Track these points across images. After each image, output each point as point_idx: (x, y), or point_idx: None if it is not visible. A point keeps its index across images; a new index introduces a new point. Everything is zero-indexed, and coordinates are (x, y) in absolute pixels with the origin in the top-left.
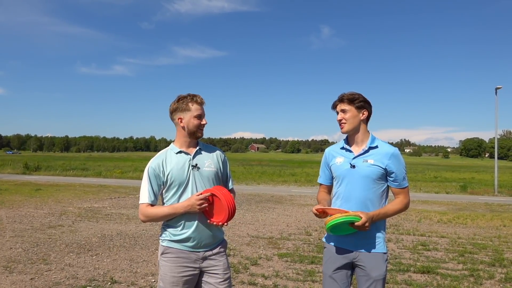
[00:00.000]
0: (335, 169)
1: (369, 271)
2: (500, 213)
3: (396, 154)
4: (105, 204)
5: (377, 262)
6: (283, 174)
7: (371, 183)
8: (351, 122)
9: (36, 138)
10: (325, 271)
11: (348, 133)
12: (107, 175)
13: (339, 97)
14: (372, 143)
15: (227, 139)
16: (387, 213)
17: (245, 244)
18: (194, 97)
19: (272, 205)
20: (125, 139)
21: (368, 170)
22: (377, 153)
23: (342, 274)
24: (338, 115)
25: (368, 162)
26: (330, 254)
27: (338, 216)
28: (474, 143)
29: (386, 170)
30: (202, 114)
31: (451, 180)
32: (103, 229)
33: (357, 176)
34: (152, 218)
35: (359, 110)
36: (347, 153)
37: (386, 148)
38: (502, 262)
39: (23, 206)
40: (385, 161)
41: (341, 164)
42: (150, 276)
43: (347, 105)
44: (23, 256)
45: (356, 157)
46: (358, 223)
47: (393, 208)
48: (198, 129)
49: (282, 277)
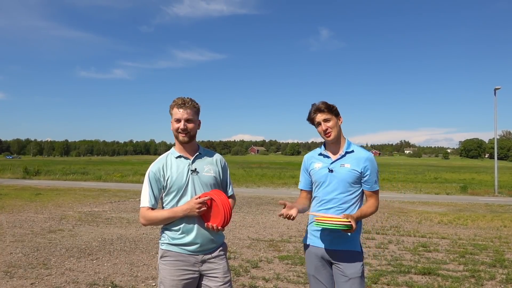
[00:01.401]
0: (314, 174)
1: (344, 269)
2: (501, 214)
3: (370, 158)
4: (105, 208)
5: (352, 260)
6: (283, 176)
7: (348, 186)
8: (335, 129)
9: (36, 142)
10: (309, 271)
11: (335, 140)
12: (107, 179)
13: (317, 107)
14: (348, 148)
15: (227, 141)
16: (365, 215)
17: (246, 247)
18: (176, 100)
19: (272, 208)
20: (125, 143)
21: (345, 174)
22: (353, 157)
23: (325, 274)
24: (319, 126)
25: (345, 167)
26: (309, 254)
27: (332, 221)
28: (473, 143)
29: (361, 173)
30: (181, 118)
31: (451, 181)
32: (104, 233)
33: (335, 180)
34: (152, 221)
35: (337, 117)
36: (325, 159)
37: (362, 152)
38: (503, 263)
39: (23, 210)
40: (360, 165)
41: (320, 169)
42: (151, 280)
43: (328, 114)
44: (23, 261)
45: (333, 162)
46: (351, 230)
47: (369, 211)
48: (177, 132)
49: (283, 280)
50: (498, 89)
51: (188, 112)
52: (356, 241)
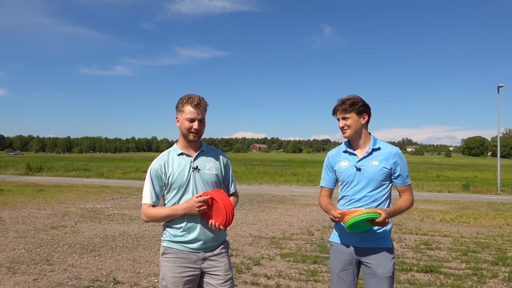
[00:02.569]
0: (341, 173)
1: (375, 269)
2: (503, 212)
3: (399, 153)
4: (108, 204)
5: (383, 259)
6: (285, 174)
7: (378, 184)
8: (353, 128)
9: (39, 139)
10: (333, 268)
11: (351, 138)
12: (109, 175)
13: (339, 103)
14: (375, 145)
15: (228, 139)
16: (400, 210)
17: (248, 244)
18: (190, 99)
19: (274, 205)
20: (127, 140)
21: (374, 172)
22: (381, 154)
23: (349, 273)
24: (339, 122)
25: (374, 164)
26: (336, 252)
27: (358, 213)
28: (476, 141)
29: (391, 170)
30: (196, 118)
31: (454, 179)
32: (106, 230)
33: (364, 179)
34: (153, 218)
35: (359, 115)
36: (351, 157)
37: (389, 148)
38: (505, 261)
39: (25, 207)
40: (389, 161)
41: (347, 168)
42: (153, 276)
43: (348, 111)
44: (26, 257)
45: (360, 160)
46: (379, 219)
47: (404, 205)
48: (189, 132)
49: (285, 277)
50: (501, 87)
51: (201, 112)
52: (388, 238)
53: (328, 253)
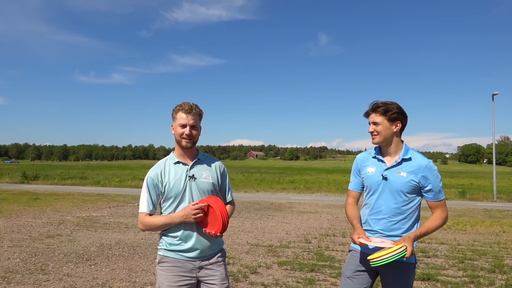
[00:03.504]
0: (367, 179)
1: (393, 279)
2: (499, 219)
3: (430, 167)
4: (104, 213)
5: (404, 272)
6: (282, 181)
7: (403, 196)
8: (383, 134)
9: (34, 147)
10: (345, 272)
11: (379, 144)
12: (105, 183)
13: (372, 106)
14: (406, 155)
15: (225, 146)
16: (428, 232)
17: (245, 252)
18: (182, 105)
19: (271, 213)
20: (124, 148)
21: (400, 183)
22: (411, 165)
23: (361, 277)
24: (370, 126)
25: (401, 175)
26: (354, 258)
27: (385, 256)
28: (472, 148)
29: (420, 183)
30: (187, 124)
31: (450, 186)
32: (102, 238)
33: (389, 189)
34: (150, 227)
35: (392, 122)
36: (379, 163)
37: (420, 160)
38: (502, 268)
39: (21, 215)
40: (419, 174)
41: (373, 175)
42: (149, 285)
43: (380, 116)
44: (21, 266)
45: (388, 169)
46: (407, 255)
47: (433, 226)
48: (181, 138)
49: (282, 286)
50: (495, 94)
51: (194, 118)
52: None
53: (326, 261)
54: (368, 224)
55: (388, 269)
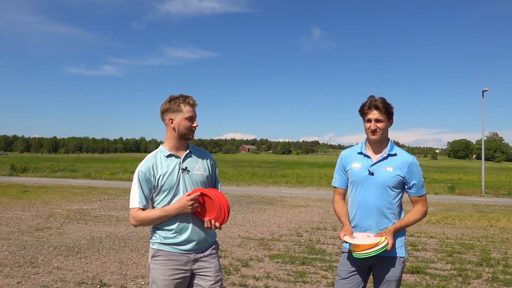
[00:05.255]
0: (352, 174)
1: (384, 272)
2: (487, 214)
3: (415, 162)
4: (94, 206)
5: (394, 265)
6: (274, 175)
7: (389, 191)
8: (384, 131)
9: (24, 139)
10: (340, 274)
11: (378, 141)
12: (96, 176)
13: (374, 104)
14: (391, 150)
15: (218, 140)
16: (408, 224)
17: (236, 245)
18: (187, 99)
19: (263, 206)
20: (115, 140)
21: (386, 178)
22: (396, 160)
23: (356, 277)
24: (370, 123)
25: (387, 170)
26: (348, 259)
27: (368, 249)
28: (461, 144)
29: (405, 178)
30: (194, 116)
31: (440, 181)
32: (92, 231)
33: (375, 184)
34: (143, 222)
35: (389, 120)
36: (365, 159)
37: (405, 156)
38: (489, 261)
39: (9, 208)
40: (404, 169)
41: (359, 170)
42: (140, 278)
43: (383, 114)
44: (9, 260)
45: (374, 164)
46: (388, 248)
47: (413, 219)
48: (190, 131)
49: (273, 278)
50: (486, 91)
51: (195, 111)
52: (402, 247)
53: (317, 254)
54: (356, 220)
55: (379, 263)
